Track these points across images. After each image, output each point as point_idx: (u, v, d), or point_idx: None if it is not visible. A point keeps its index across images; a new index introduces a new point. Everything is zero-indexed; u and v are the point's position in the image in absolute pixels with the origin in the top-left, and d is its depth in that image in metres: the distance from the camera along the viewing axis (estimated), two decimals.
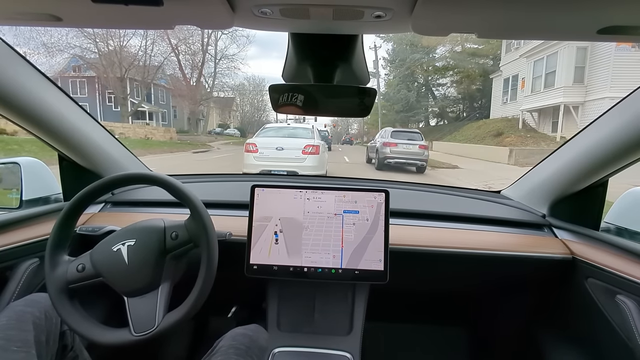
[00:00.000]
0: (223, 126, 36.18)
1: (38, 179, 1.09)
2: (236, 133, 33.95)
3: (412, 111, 26.50)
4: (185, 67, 24.84)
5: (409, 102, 26.12)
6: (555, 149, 1.02)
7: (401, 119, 27.40)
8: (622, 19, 0.40)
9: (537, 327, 1.12)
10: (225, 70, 26.98)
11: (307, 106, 0.66)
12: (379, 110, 24.99)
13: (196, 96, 25.87)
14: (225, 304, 1.26)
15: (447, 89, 26.71)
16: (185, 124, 28.16)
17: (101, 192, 0.79)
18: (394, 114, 27.79)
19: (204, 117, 31.71)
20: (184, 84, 25.34)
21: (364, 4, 0.42)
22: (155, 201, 1.13)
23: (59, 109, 0.89)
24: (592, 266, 0.87)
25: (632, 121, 0.73)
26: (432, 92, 27.22)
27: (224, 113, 39.03)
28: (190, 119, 27.96)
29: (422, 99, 27.14)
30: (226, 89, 29.80)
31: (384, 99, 27.69)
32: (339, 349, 0.90)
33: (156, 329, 0.69)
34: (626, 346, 0.77)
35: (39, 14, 0.45)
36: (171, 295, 0.75)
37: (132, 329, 0.70)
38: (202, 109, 29.83)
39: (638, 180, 1.35)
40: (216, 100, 32.85)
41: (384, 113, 27.58)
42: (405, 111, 26.60)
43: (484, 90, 22.30)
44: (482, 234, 1.03)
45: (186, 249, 0.77)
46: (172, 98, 27.81)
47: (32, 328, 0.70)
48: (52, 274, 0.73)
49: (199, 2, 0.41)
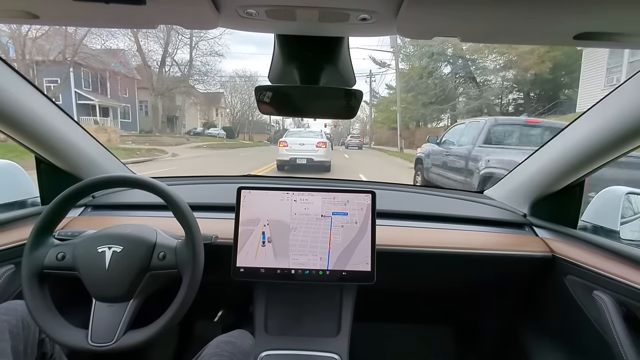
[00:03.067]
0: (209, 125, 31.98)
1: (13, 182, 1.05)
2: (220, 134, 29.16)
3: (448, 103, 19.31)
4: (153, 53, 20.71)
5: (444, 91, 19.24)
6: (535, 150, 1.05)
7: (430, 113, 21.27)
8: (595, 26, 0.42)
9: (519, 324, 1.15)
10: (209, 59, 22.75)
11: (292, 107, 0.66)
12: (398, 104, 19.99)
13: (158, 85, 21.38)
14: (211, 308, 1.24)
15: (496, 72, 18.33)
16: (159, 123, 23.74)
17: (82, 195, 0.76)
18: (420, 108, 21.22)
19: (183, 114, 27.75)
20: (147, 71, 21.20)
21: (349, 6, 0.42)
22: (138, 204, 1.10)
23: (34, 108, 0.85)
24: (571, 264, 0.90)
25: (604, 125, 0.76)
26: (473, 79, 19.07)
27: (210, 110, 34.57)
28: (165, 116, 24.00)
29: (460, 87, 19.89)
30: (210, 81, 25.44)
31: (404, 90, 21.20)
32: (327, 350, 0.90)
33: (112, 345, 0.68)
34: (602, 340, 0.80)
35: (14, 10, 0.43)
36: (139, 310, 0.74)
37: (90, 336, 0.68)
38: (179, 105, 25.52)
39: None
40: (200, 95, 28.53)
41: (406, 107, 21.50)
42: (437, 103, 19.84)
43: (557, 71, 15.50)
44: (466, 233, 1.05)
45: (168, 273, 0.75)
46: (139, 91, 23.17)
47: (9, 337, 0.67)
48: (31, 254, 0.71)
49: (183, 2, 0.40)
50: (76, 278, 0.72)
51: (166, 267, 0.74)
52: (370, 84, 29.39)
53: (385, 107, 28.79)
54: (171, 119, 26.39)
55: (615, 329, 0.75)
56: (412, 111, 22.27)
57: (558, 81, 16.74)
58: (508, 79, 18.09)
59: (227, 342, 0.80)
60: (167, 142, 18.32)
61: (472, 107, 18.17)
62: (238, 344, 0.81)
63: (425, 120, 23.80)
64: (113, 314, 0.71)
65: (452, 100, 19.16)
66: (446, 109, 19.93)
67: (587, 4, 0.37)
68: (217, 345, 0.78)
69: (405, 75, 21.54)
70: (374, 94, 30.50)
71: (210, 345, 0.79)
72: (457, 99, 19.30)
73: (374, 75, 28.57)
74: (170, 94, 23.71)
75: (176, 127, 26.71)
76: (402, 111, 20.55)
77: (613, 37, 0.45)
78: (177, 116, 26.57)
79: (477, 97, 18.37)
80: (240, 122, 35.47)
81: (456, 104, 19.33)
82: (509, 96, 19.48)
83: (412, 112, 22.30)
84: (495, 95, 18.82)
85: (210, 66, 25.31)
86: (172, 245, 0.76)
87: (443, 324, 1.45)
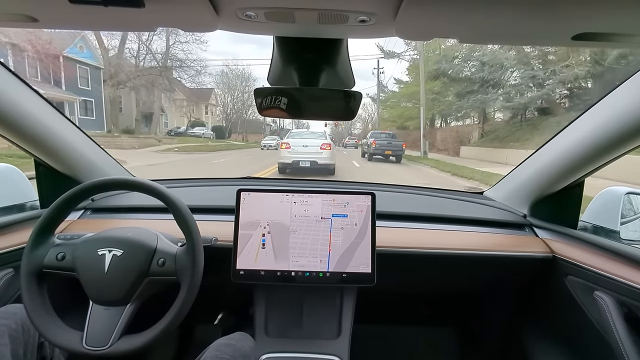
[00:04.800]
0: (194, 124, 27.84)
1: (12, 185, 1.05)
2: (206, 133, 25.74)
3: (494, 90, 14.14)
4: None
5: (499, 74, 13.76)
6: (535, 150, 1.05)
7: (470, 106, 15.61)
8: (593, 27, 0.42)
9: (521, 325, 1.14)
10: (191, 47, 18.63)
11: (292, 109, 0.66)
12: (421, 94, 15.11)
13: (118, 73, 17.37)
14: (211, 311, 1.24)
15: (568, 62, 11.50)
16: (133, 121, 20.30)
17: (81, 197, 0.76)
18: (453, 98, 16.41)
19: (163, 111, 23.58)
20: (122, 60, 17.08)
21: (348, 8, 0.42)
22: (137, 207, 1.10)
23: (32, 111, 0.85)
24: (571, 264, 0.90)
25: (604, 125, 0.76)
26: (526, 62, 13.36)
27: (199, 107, 30.42)
28: (141, 113, 20.29)
29: (513, 71, 13.90)
30: (190, 72, 20.71)
31: (430, 76, 16.39)
32: (327, 352, 0.89)
33: (106, 350, 0.67)
34: (604, 340, 0.80)
35: (14, 14, 0.43)
36: (135, 315, 0.73)
37: (85, 339, 0.68)
38: (157, 101, 20.98)
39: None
40: (187, 90, 25.31)
41: (434, 98, 16.98)
42: (477, 91, 14.57)
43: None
44: (466, 234, 1.05)
45: (167, 280, 0.75)
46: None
47: (9, 341, 0.67)
48: (31, 252, 0.71)
49: (182, 5, 0.40)
50: (75, 279, 0.72)
51: (165, 273, 0.74)
52: (378, 76, 26.72)
53: (396, 102, 25.82)
54: (148, 117, 22.06)
55: (616, 330, 0.75)
56: (439, 104, 17.08)
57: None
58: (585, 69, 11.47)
59: (227, 345, 0.80)
60: (127, 145, 15.04)
61: (525, 98, 13.11)
62: (238, 346, 0.81)
63: (456, 117, 18.56)
64: (109, 317, 0.70)
65: (498, 88, 13.97)
66: (493, 99, 14.16)
67: (585, 5, 0.37)
68: (217, 348, 0.78)
69: (429, 59, 16.36)
70: (381, 89, 27.50)
71: (211, 348, 0.79)
72: (502, 87, 13.98)
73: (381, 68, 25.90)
74: (134, 85, 18.99)
75: (152, 125, 22.11)
76: (430, 104, 16.11)
77: (611, 37, 0.45)
78: (153, 112, 21.85)
79: (539, 86, 13.02)
80: (233, 121, 32.51)
81: (495, 95, 14.10)
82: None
83: (439, 105, 17.10)
84: (562, 87, 12.95)
85: (192, 54, 21.54)
86: (172, 252, 0.76)
87: (444, 326, 1.45)
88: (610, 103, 0.76)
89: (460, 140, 17.72)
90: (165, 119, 25.11)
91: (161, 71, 19.89)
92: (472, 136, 17.59)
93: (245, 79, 31.19)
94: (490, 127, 16.78)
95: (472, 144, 16.71)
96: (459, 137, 18.01)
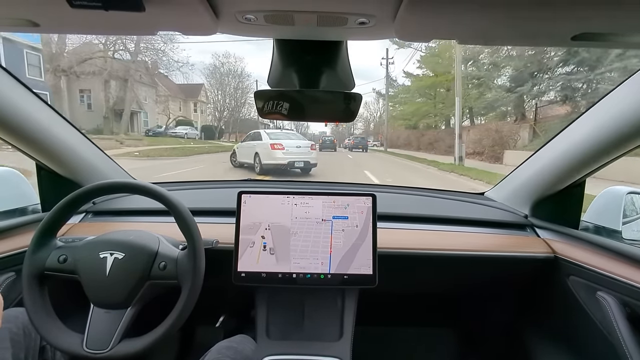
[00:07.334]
0: (177, 123, 24.90)
1: (13, 189, 1.05)
2: (190, 133, 22.50)
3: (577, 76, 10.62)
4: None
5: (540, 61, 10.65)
6: (535, 150, 1.05)
7: (534, 94, 12.33)
8: (593, 27, 0.42)
9: (523, 326, 1.14)
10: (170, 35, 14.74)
11: (292, 112, 0.66)
12: (456, 83, 11.83)
13: (59, 56, 14.65)
14: (213, 313, 1.23)
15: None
16: (102, 120, 17.71)
17: (82, 201, 0.76)
18: (500, 93, 13.57)
19: (141, 109, 20.71)
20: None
21: (347, 10, 0.42)
22: (138, 210, 1.10)
23: (33, 114, 0.85)
24: (573, 264, 0.90)
25: (605, 124, 0.76)
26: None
27: (187, 105, 27.69)
28: (111, 110, 17.78)
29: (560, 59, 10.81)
30: (167, 63, 18.21)
31: (473, 64, 13.65)
32: (329, 354, 0.89)
33: (106, 353, 0.67)
34: (607, 340, 0.79)
35: (16, 19, 0.43)
36: (136, 318, 0.73)
37: (85, 342, 0.68)
38: (129, 96, 18.44)
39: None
40: (174, 86, 23.55)
41: (471, 88, 14.55)
42: (549, 70, 10.87)
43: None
44: (467, 235, 1.04)
45: (168, 284, 0.75)
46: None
47: (10, 345, 0.67)
48: (33, 255, 0.71)
49: (182, 8, 0.40)
50: (76, 282, 0.72)
51: (166, 277, 0.74)
52: (387, 67, 23.59)
53: (408, 97, 23.58)
54: (118, 114, 19.14)
55: (619, 330, 0.75)
56: (483, 97, 13.96)
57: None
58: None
59: (228, 348, 0.79)
60: None
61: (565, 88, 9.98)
62: (240, 349, 0.80)
63: (502, 112, 14.72)
64: (110, 320, 0.71)
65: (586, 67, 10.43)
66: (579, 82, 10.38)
67: (585, 5, 0.37)
68: (218, 351, 0.78)
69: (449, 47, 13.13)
70: (390, 83, 24.23)
71: (212, 350, 0.79)
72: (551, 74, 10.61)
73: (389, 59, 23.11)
74: (79, 71, 15.54)
75: (122, 124, 19.01)
76: (467, 96, 12.77)
77: (611, 37, 0.45)
78: (124, 109, 19.08)
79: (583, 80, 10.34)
80: (226, 120, 29.25)
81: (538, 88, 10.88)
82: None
83: (481, 99, 14.08)
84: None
85: (169, 44, 17.86)
86: (174, 256, 0.76)
87: (446, 327, 1.44)
88: (611, 103, 0.76)
89: (502, 142, 13.47)
90: (145, 117, 21.92)
91: (133, 60, 17.67)
92: (519, 136, 13.35)
93: (238, 74, 28.88)
94: (543, 125, 12.83)
95: (521, 147, 12.66)
96: (500, 138, 13.54)
